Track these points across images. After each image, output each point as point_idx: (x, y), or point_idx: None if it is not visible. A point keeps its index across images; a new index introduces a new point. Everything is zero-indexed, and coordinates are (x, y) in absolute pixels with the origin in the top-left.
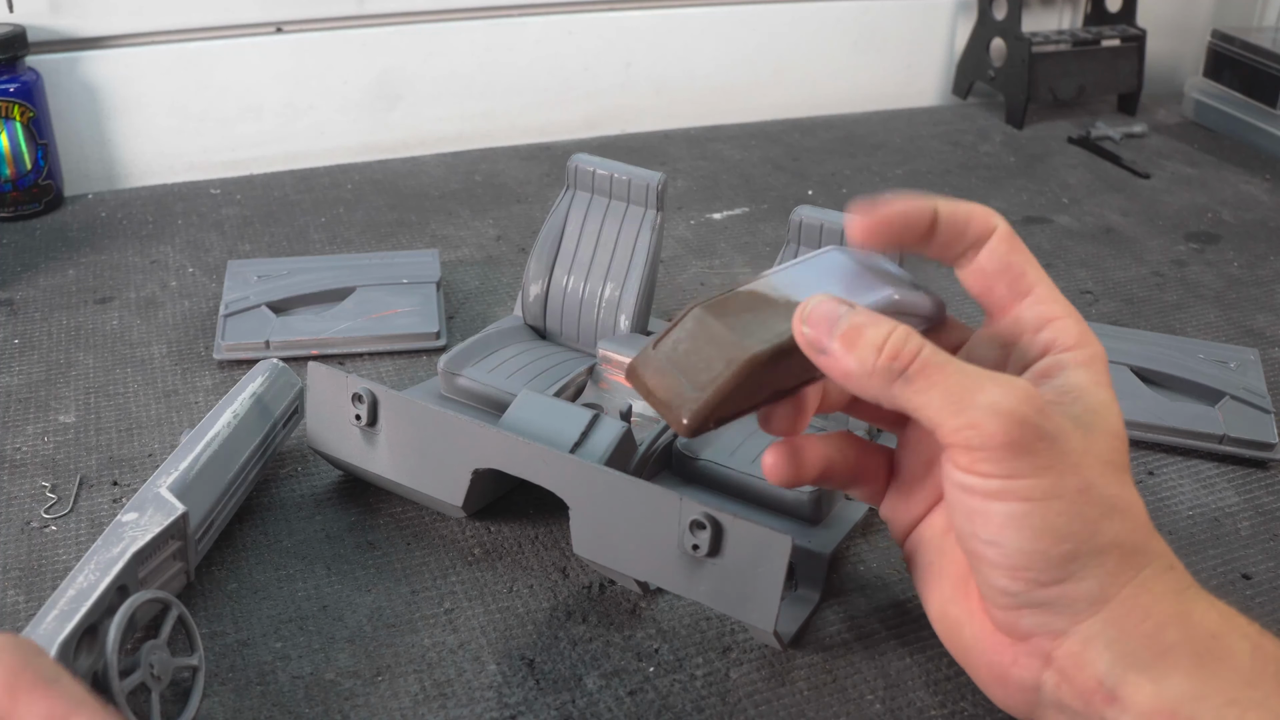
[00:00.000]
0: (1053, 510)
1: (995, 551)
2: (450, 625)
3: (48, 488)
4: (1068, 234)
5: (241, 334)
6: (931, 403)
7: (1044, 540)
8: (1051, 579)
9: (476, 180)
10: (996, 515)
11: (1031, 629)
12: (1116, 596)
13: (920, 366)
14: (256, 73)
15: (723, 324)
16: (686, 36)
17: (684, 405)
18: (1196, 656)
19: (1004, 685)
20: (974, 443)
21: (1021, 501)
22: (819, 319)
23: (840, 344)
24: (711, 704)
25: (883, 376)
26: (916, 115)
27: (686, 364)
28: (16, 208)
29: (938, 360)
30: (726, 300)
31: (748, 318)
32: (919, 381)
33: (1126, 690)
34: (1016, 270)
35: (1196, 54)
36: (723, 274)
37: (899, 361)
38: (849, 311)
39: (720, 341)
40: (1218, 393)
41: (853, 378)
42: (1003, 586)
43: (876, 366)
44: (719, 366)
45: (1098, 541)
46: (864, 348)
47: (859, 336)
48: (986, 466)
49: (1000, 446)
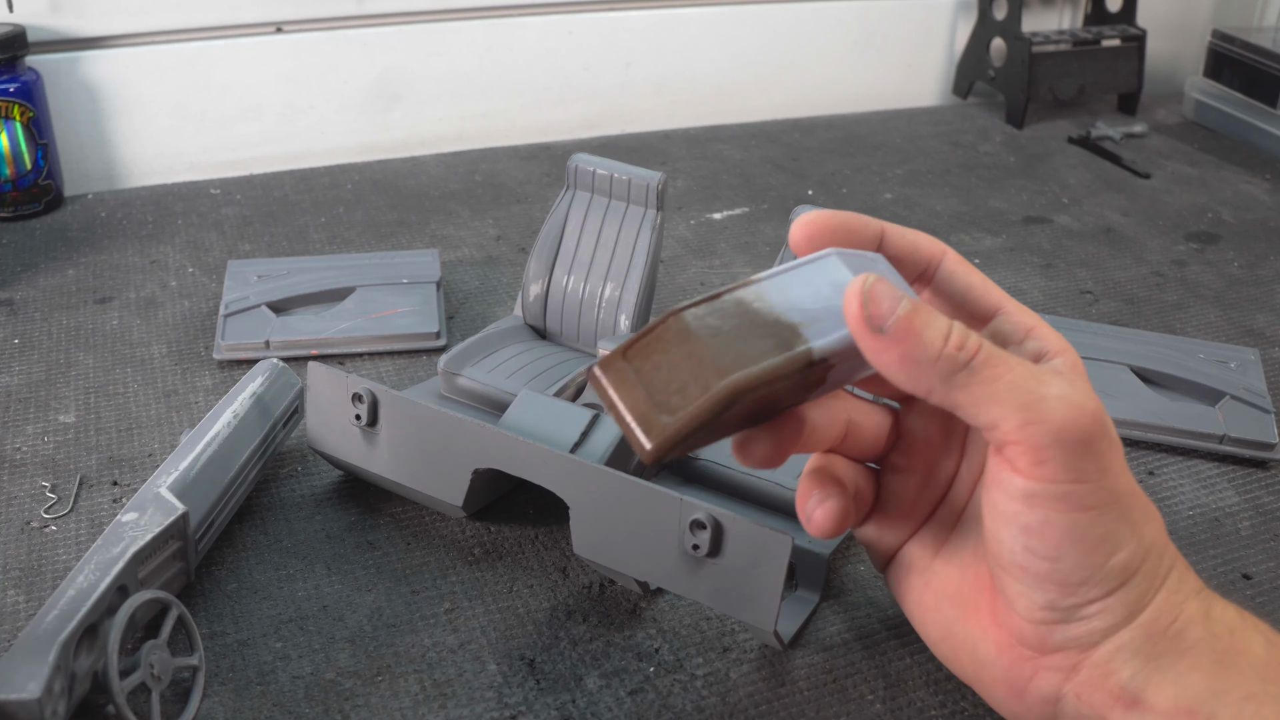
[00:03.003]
0: (1111, 516)
1: (1050, 567)
2: (450, 625)
3: (48, 488)
4: (1068, 234)
5: (241, 334)
6: (996, 394)
7: (1102, 551)
8: (1104, 591)
9: (476, 180)
10: (1057, 529)
11: (1064, 642)
12: (1152, 603)
13: (985, 358)
14: (256, 73)
15: (701, 341)
16: (686, 36)
17: (650, 430)
18: (1216, 654)
19: (1020, 699)
20: (1043, 439)
21: (1084, 510)
22: (880, 296)
23: (903, 324)
24: (711, 704)
25: (948, 365)
26: (916, 115)
27: (658, 382)
28: (16, 208)
29: (1000, 354)
30: (709, 309)
31: (731, 335)
32: (984, 372)
33: (1149, 693)
34: (979, 290)
35: (1196, 54)
36: (722, 274)
37: (965, 351)
38: (907, 297)
39: (698, 361)
40: (1218, 393)
41: (912, 364)
42: (1049, 601)
43: (943, 354)
44: (694, 392)
45: (1144, 547)
46: (931, 333)
47: (924, 321)
48: (1052, 468)
49: (1070, 444)
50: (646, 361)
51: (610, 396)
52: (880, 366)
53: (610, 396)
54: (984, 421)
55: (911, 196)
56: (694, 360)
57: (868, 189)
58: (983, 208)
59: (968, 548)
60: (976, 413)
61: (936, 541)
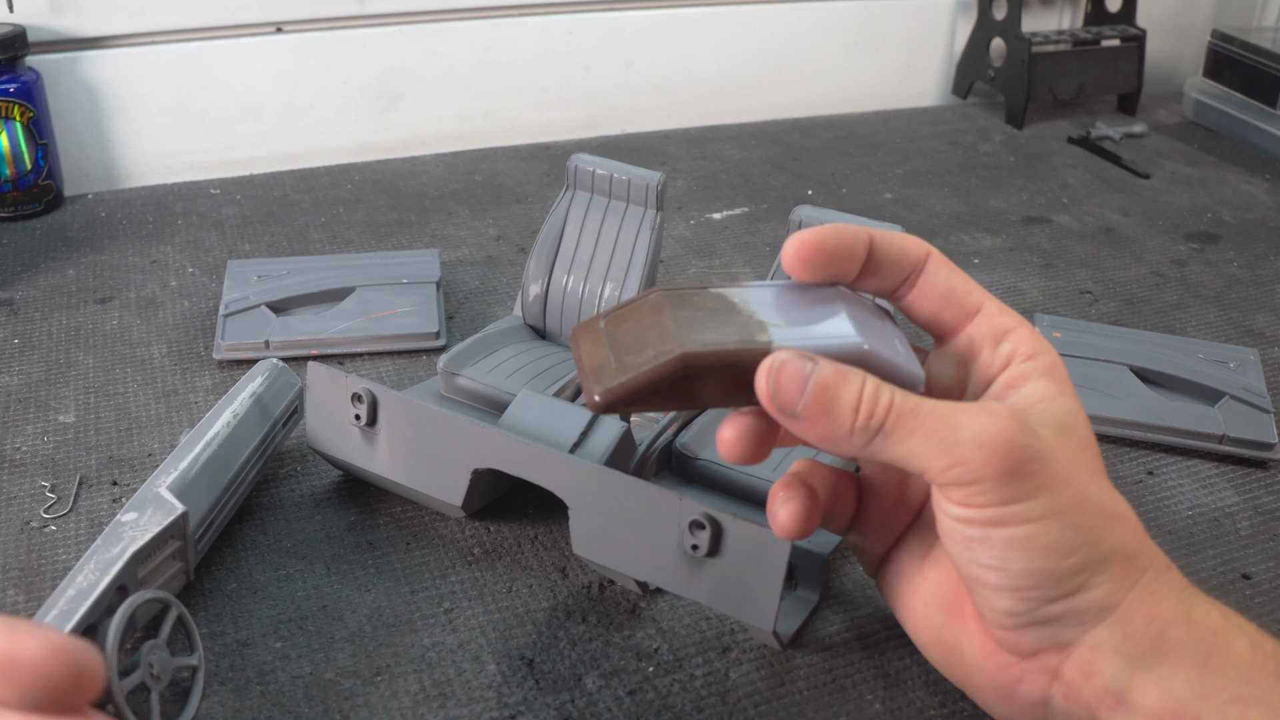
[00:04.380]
0: (1055, 527)
1: (998, 575)
2: (450, 625)
3: (47, 488)
4: (1068, 234)
5: (241, 334)
6: (914, 450)
7: (1050, 557)
8: (1060, 594)
9: (476, 180)
10: (998, 541)
11: (1038, 645)
12: (1123, 602)
13: (896, 418)
14: (256, 73)
15: (672, 315)
16: (686, 36)
17: (601, 381)
18: (1199, 655)
19: (1011, 704)
20: (965, 479)
21: (1022, 524)
22: (788, 380)
23: (813, 408)
24: (711, 704)
25: (862, 437)
26: (916, 115)
27: (621, 342)
28: (16, 208)
29: (909, 406)
30: (691, 295)
31: (700, 316)
32: (897, 433)
33: (1134, 693)
34: (962, 291)
35: (1196, 54)
36: (722, 274)
37: (875, 419)
38: (814, 368)
39: (661, 330)
40: (1218, 393)
41: (830, 441)
42: (1007, 608)
43: (855, 428)
44: (648, 354)
45: (1102, 550)
46: (840, 411)
47: (832, 399)
48: (981, 499)
49: (993, 477)
50: (619, 327)
51: (578, 350)
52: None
53: (578, 350)
54: (913, 470)
55: (911, 196)
56: (658, 330)
57: (867, 189)
58: (982, 208)
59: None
60: (904, 466)
61: (923, 547)
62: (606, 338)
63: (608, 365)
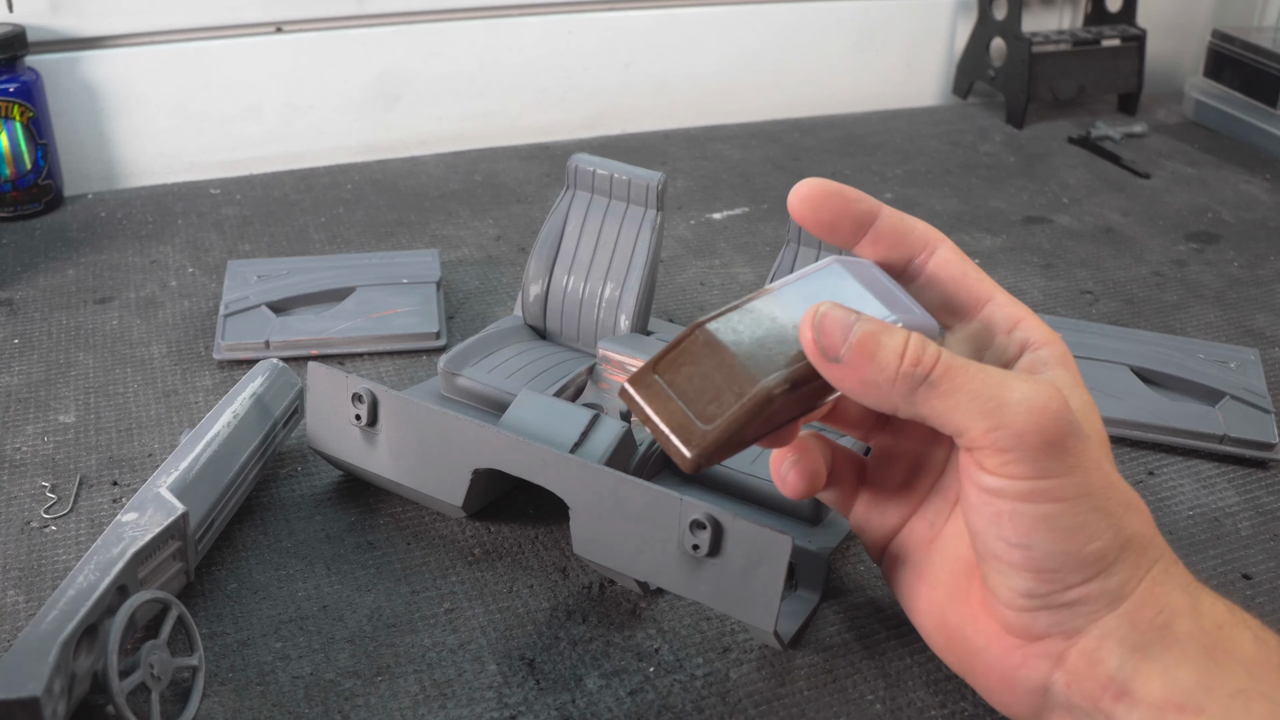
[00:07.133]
0: (1084, 508)
1: (1023, 554)
2: (450, 625)
3: (48, 488)
4: (1068, 234)
5: (241, 334)
6: (958, 405)
7: (1076, 540)
8: (1080, 579)
9: (476, 180)
10: (1027, 517)
11: (1048, 629)
12: (1135, 592)
13: (943, 370)
14: (256, 73)
15: (730, 349)
16: (686, 36)
17: (689, 440)
18: (1204, 648)
19: (1011, 689)
20: (1007, 444)
21: (1054, 502)
22: (832, 326)
23: (857, 351)
24: (711, 704)
25: (906, 384)
26: (916, 115)
27: (690, 392)
28: (16, 208)
29: (959, 363)
30: (731, 319)
31: (756, 344)
32: (943, 384)
33: (1138, 684)
34: (973, 278)
35: (1196, 54)
36: (722, 274)
37: (922, 367)
38: (860, 319)
39: (729, 370)
40: (1218, 393)
41: (872, 387)
42: (1027, 589)
43: (900, 373)
44: (729, 399)
45: (1123, 537)
46: (885, 354)
47: (876, 344)
48: (1019, 468)
49: (1034, 446)
50: (678, 374)
51: (645, 410)
52: (844, 391)
53: (645, 410)
54: (951, 430)
55: (911, 196)
56: (725, 369)
57: (868, 189)
58: (983, 208)
59: (959, 536)
60: (943, 423)
61: (930, 530)
62: (672, 390)
63: (688, 421)
